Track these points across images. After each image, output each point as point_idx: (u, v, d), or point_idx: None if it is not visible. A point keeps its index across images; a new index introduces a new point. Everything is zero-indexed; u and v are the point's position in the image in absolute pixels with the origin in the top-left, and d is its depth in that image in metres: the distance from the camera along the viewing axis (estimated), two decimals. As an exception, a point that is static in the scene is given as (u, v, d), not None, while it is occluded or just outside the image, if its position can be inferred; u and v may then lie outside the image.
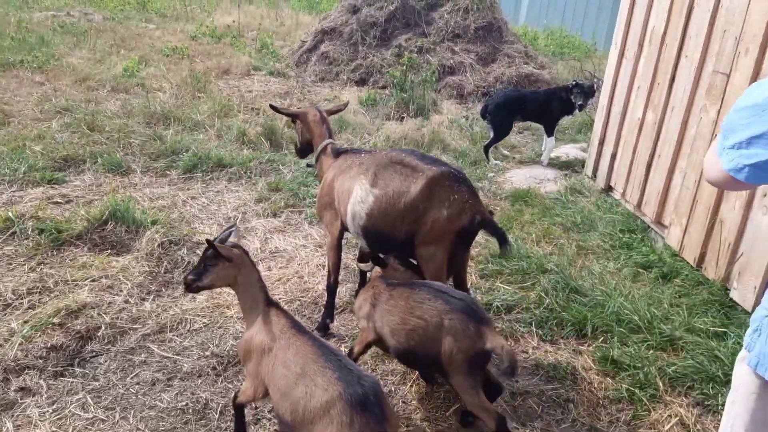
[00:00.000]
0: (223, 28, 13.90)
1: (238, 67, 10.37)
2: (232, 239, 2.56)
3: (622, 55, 5.44)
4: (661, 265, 4.12)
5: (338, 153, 3.38)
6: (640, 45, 5.10)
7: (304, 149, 3.70)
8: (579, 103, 6.33)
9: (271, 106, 3.62)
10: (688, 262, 4.11)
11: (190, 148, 5.86)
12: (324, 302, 3.47)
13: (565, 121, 8.58)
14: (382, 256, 3.02)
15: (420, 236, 2.89)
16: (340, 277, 3.48)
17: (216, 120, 6.83)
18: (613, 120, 5.47)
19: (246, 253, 2.48)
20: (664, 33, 4.69)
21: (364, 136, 7.07)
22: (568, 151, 6.99)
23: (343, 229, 3.23)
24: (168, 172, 5.49)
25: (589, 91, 6.38)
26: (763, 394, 1.63)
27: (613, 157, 5.41)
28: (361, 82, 9.93)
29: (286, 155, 6.14)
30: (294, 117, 3.63)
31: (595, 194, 5.51)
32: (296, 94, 9.00)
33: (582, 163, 6.48)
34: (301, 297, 3.70)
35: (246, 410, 2.58)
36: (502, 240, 2.91)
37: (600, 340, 3.36)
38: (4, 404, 2.67)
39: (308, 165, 3.60)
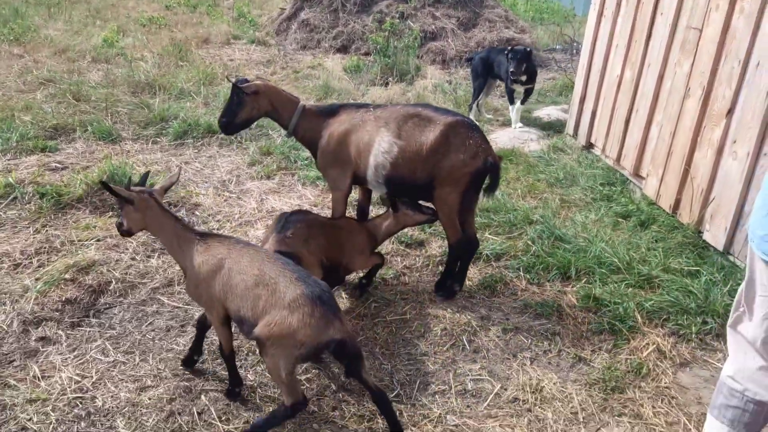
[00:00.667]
0: (198, -3, 13.70)
1: (217, 36, 10.32)
2: (157, 187, 2.59)
3: (601, 14, 5.61)
4: (639, 214, 4.37)
5: (331, 110, 3.41)
6: (618, 4, 5.27)
7: (243, 123, 3.43)
8: (511, 69, 6.18)
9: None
10: (664, 210, 4.37)
11: (178, 116, 5.92)
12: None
13: (544, 84, 8.78)
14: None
15: (438, 179, 3.15)
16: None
17: (201, 88, 6.86)
18: (593, 78, 5.67)
19: (152, 196, 2.49)
20: (641, -8, 4.87)
21: (350, 101, 7.16)
22: (550, 112, 7.19)
23: (352, 182, 3.35)
24: (158, 139, 5.56)
25: (521, 58, 6.15)
26: None
27: (593, 114, 5.62)
28: (343, 49, 9.97)
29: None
30: (255, 89, 3.31)
31: (576, 151, 5.73)
32: (279, 62, 9.02)
33: (563, 123, 6.70)
34: (301, 251, 3.86)
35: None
36: (495, 186, 3.28)
37: (583, 281, 3.60)
38: (28, 352, 2.82)
39: (289, 135, 3.45)
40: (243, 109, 3.30)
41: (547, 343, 3.12)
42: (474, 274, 3.69)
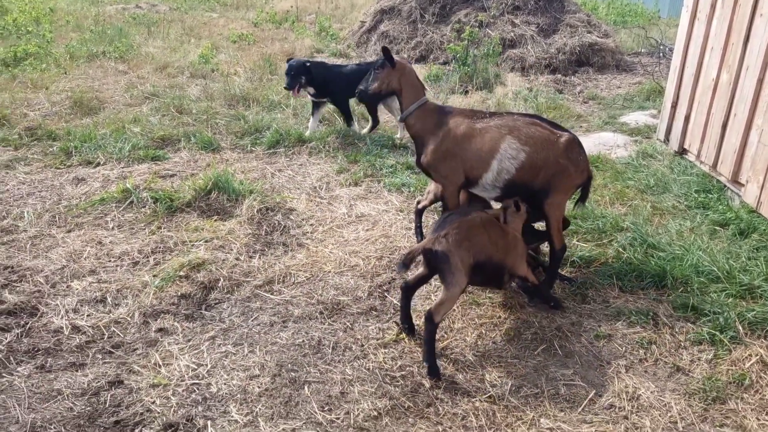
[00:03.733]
0: (282, 13, 14.35)
1: (301, 50, 10.76)
2: None
3: (694, 16, 5.43)
4: (738, 222, 4.20)
5: (447, 111, 3.59)
6: (713, 6, 5.09)
7: (374, 95, 3.73)
8: (284, 86, 5.82)
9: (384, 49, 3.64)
10: (765, 218, 4.17)
11: (271, 126, 6.26)
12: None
13: (629, 89, 8.54)
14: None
15: (555, 187, 3.39)
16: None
17: (291, 100, 7.21)
18: (686, 82, 5.48)
19: None
20: (739, -8, 4.68)
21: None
22: (637, 117, 7.00)
23: (463, 181, 3.53)
24: (254, 149, 5.91)
25: (288, 70, 5.77)
26: None
27: (687, 119, 5.43)
28: (422, 59, 10.12)
29: (359, 130, 6.45)
30: (392, 63, 3.65)
31: (668, 157, 5.56)
32: (361, 73, 9.29)
33: (651, 128, 6.50)
34: (390, 255, 4.01)
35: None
36: (586, 197, 3.66)
37: (679, 290, 3.51)
38: (149, 341, 3.11)
39: (401, 119, 3.67)
40: (375, 81, 3.63)
41: (642, 351, 3.08)
42: (564, 282, 3.69)
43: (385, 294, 3.58)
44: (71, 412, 2.59)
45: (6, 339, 3.01)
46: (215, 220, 4.31)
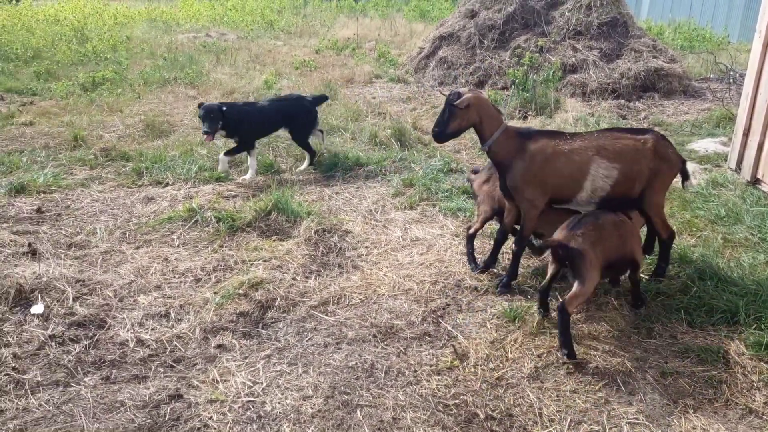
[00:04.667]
0: (343, 41, 14.73)
1: (360, 75, 10.98)
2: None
3: (767, 42, 5.19)
4: (819, 257, 3.93)
5: (529, 134, 3.65)
6: (790, 29, 4.86)
7: (453, 133, 3.72)
8: (204, 130, 5.34)
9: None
10: None
11: (329, 150, 6.39)
12: (466, 284, 3.79)
13: (698, 115, 8.21)
14: None
15: (652, 188, 3.58)
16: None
17: (349, 123, 7.36)
18: (759, 109, 5.23)
19: None
20: (820, 15, 4.45)
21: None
22: (707, 145, 6.71)
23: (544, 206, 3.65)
24: (312, 171, 6.04)
25: (205, 116, 5.35)
26: None
27: (760, 147, 5.16)
28: (480, 84, 10.11)
29: (415, 154, 6.49)
30: (467, 104, 3.66)
31: (740, 187, 5.28)
32: (418, 98, 9.38)
33: (721, 156, 6.21)
34: (445, 280, 3.97)
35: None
36: (688, 175, 3.82)
37: (752, 327, 3.30)
38: (208, 357, 3.20)
39: (483, 149, 3.70)
40: (454, 120, 3.63)
41: (711, 391, 2.91)
42: (627, 313, 3.54)
43: (439, 320, 3.54)
44: (132, 423, 2.68)
45: (75, 350, 3.16)
46: (274, 240, 4.42)
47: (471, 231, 4.16)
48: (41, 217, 4.67)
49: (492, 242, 4.08)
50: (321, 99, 6.48)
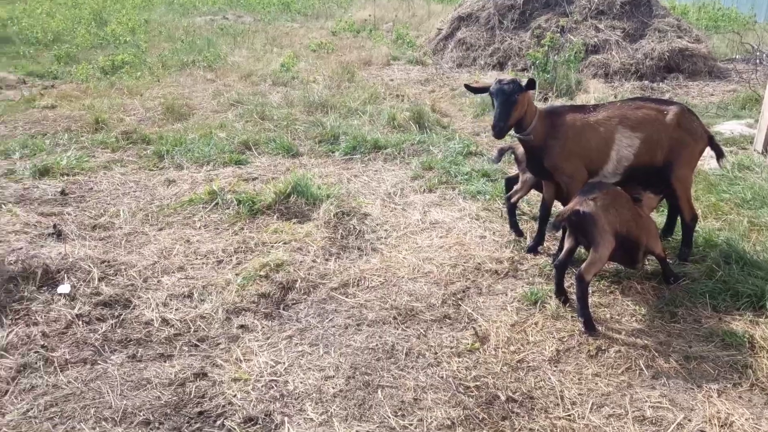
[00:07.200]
0: (360, 22, 14.61)
1: (378, 58, 10.90)
2: None
3: (800, 19, 5.03)
4: None
5: (556, 111, 3.68)
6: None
7: (512, 125, 3.57)
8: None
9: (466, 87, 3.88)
10: None
11: (348, 133, 6.38)
12: (486, 268, 3.80)
13: (723, 96, 8.04)
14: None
15: (677, 161, 3.60)
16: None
17: (368, 106, 7.32)
18: (789, 90, 5.09)
19: None
20: None
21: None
22: (732, 127, 6.56)
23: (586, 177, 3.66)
24: (331, 154, 6.04)
25: None
26: None
27: (789, 129, 5.04)
28: (499, 66, 9.99)
29: (434, 137, 6.45)
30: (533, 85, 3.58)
31: (766, 170, 5.17)
32: (436, 81, 9.30)
33: (748, 139, 6.08)
34: (465, 263, 3.96)
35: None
36: (722, 153, 3.85)
37: (780, 312, 3.25)
38: (231, 337, 3.23)
39: (526, 134, 3.59)
40: (516, 109, 3.46)
41: (736, 375, 2.88)
42: (650, 297, 3.51)
43: (459, 302, 3.54)
44: (159, 400, 2.73)
45: (101, 329, 3.22)
46: (294, 223, 4.43)
47: (513, 199, 4.17)
48: (65, 199, 4.74)
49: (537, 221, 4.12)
50: None
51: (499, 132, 3.50)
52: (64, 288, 3.45)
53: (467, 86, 3.91)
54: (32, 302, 3.35)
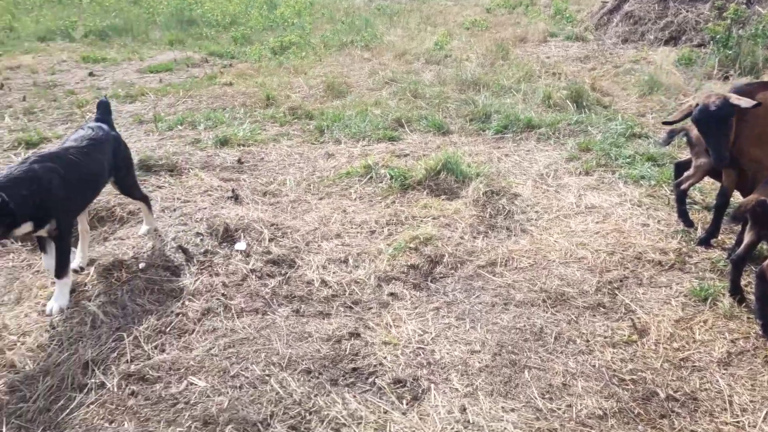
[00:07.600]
0: (517, -3, 14.14)
1: (534, 34, 10.52)
2: None
3: None
4: None
5: (741, 91, 3.32)
6: None
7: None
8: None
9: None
10: None
11: (500, 111, 6.28)
12: (649, 258, 3.55)
13: None
14: None
15: None
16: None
17: (522, 85, 7.12)
18: None
19: None
20: None
21: (679, 97, 6.56)
22: None
23: None
24: (482, 133, 6.00)
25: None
26: None
27: None
28: (671, 41, 9.12)
29: (593, 117, 6.10)
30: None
31: None
32: (598, 57, 8.75)
33: None
34: (623, 251, 3.75)
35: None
36: None
37: None
38: (382, 303, 3.41)
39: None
40: (729, 132, 3.25)
41: None
42: None
43: (616, 291, 3.37)
44: (318, 353, 2.98)
45: (271, 284, 3.57)
46: (443, 199, 4.51)
47: (684, 186, 3.87)
48: (241, 167, 5.27)
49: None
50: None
51: (722, 162, 3.26)
52: (241, 245, 3.87)
53: (665, 122, 3.66)
54: (214, 255, 3.81)
